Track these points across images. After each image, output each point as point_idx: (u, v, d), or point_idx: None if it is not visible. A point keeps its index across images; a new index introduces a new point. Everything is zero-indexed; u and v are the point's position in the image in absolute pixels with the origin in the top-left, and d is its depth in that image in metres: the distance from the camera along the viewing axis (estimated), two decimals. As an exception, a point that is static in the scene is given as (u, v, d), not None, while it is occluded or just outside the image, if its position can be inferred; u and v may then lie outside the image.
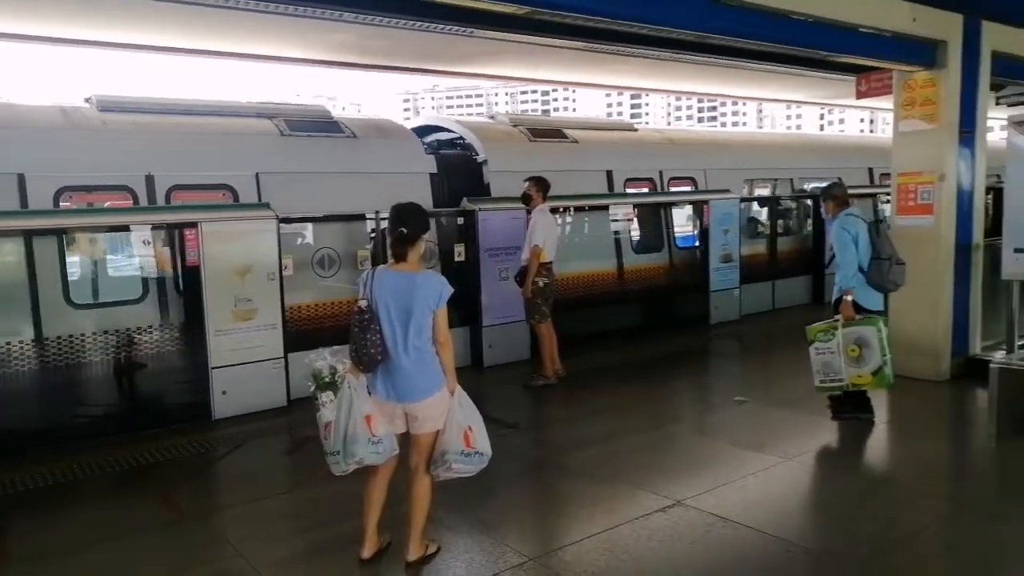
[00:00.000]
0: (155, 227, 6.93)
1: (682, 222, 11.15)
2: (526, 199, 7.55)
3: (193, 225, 6.57)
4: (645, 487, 4.95)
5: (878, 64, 7.19)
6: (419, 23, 5.66)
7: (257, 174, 7.53)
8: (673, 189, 11.14)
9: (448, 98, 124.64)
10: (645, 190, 10.85)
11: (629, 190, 10.54)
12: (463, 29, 5.81)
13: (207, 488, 5.34)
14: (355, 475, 3.79)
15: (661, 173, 10.96)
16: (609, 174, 10.27)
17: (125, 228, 7.02)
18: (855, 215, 5.99)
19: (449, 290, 3.81)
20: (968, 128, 7.07)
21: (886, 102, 7.55)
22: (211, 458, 5.77)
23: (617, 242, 10.18)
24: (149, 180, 7.04)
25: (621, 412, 6.60)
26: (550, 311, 7.41)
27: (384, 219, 6.91)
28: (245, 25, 6.75)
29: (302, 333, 7.17)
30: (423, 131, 9.87)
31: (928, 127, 7.02)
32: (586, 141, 10.34)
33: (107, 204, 7.18)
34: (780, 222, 12.21)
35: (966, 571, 3.72)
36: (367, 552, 3.94)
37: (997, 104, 10.64)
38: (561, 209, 9.20)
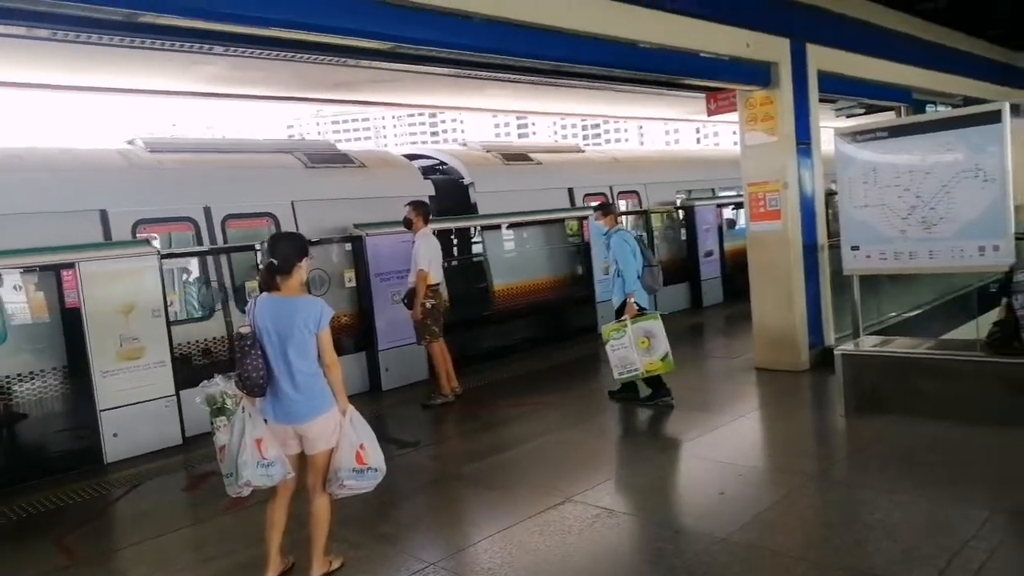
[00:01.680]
0: (31, 269, 6.73)
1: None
2: (407, 224, 7.75)
3: (70, 266, 6.46)
4: (537, 489, 5.28)
5: (721, 85, 7.91)
6: (288, 54, 5.68)
7: (292, 202, 8.39)
8: (620, 202, 12.52)
9: (334, 123, 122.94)
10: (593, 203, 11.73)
11: (591, 203, 11.47)
12: (334, 59, 5.92)
13: (103, 531, 5.25)
14: (255, 504, 3.89)
15: (611, 188, 12.31)
16: (571, 191, 11.55)
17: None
18: (627, 230, 7.03)
19: (329, 312, 3.97)
20: (804, 140, 7.87)
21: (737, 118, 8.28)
22: (106, 501, 5.67)
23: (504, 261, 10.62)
24: (207, 211, 7.90)
25: (516, 422, 6.92)
26: (440, 331, 7.67)
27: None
28: (111, 59, 6.69)
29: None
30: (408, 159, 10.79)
31: (770, 140, 7.77)
32: (549, 163, 11.68)
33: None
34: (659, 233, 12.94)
35: (814, 534, 4.21)
36: (272, 574, 4.04)
37: (836, 116, 11.81)
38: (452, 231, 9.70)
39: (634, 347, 6.78)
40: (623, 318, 6.89)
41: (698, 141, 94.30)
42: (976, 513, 4.14)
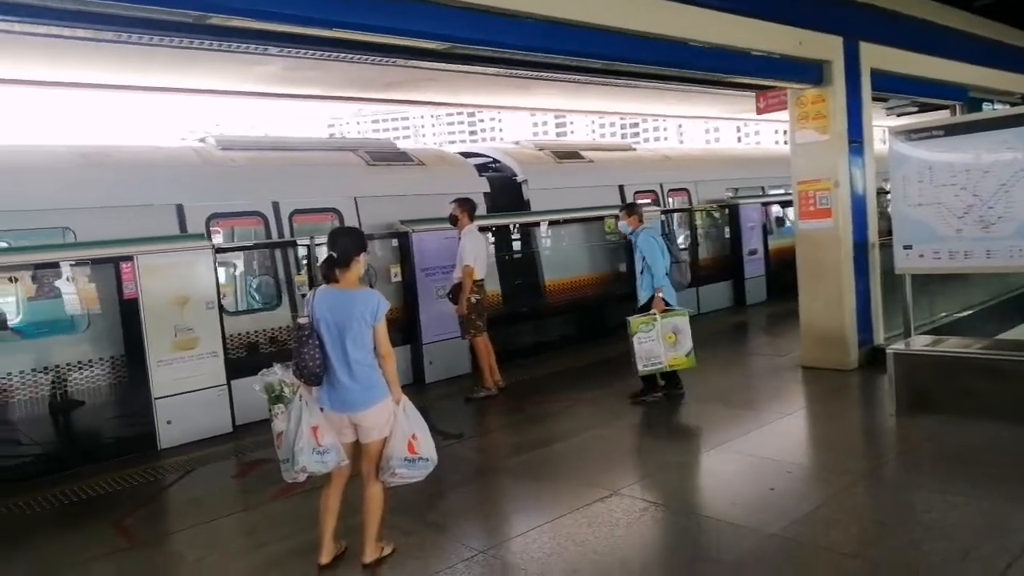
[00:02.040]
0: (92, 262, 6.96)
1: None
2: (453, 220, 7.84)
3: (129, 259, 6.66)
4: (584, 481, 5.31)
5: (772, 83, 7.83)
6: (344, 55, 5.76)
7: (355, 198, 8.67)
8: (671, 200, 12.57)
9: (374, 122, 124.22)
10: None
11: (639, 200, 11.63)
12: (385, 60, 6.03)
13: (159, 514, 5.42)
14: (304, 492, 3.97)
15: (662, 185, 12.40)
16: (621, 188, 11.70)
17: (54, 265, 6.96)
18: (653, 229, 7.09)
19: (386, 305, 4.07)
20: (856, 138, 7.76)
21: (787, 116, 8.19)
22: (160, 486, 5.85)
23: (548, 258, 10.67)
24: (276, 206, 8.17)
25: (559, 417, 6.96)
26: (485, 325, 7.74)
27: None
28: (167, 60, 6.89)
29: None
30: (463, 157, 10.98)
31: (821, 138, 7.68)
32: (600, 160, 11.77)
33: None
34: (702, 231, 12.89)
35: (867, 532, 4.17)
36: (325, 558, 4.13)
37: (887, 115, 11.59)
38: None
39: (661, 341, 6.86)
40: (652, 311, 6.95)
41: (739, 140, 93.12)
42: (1037, 516, 4.07)
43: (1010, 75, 11.06)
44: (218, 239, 8.28)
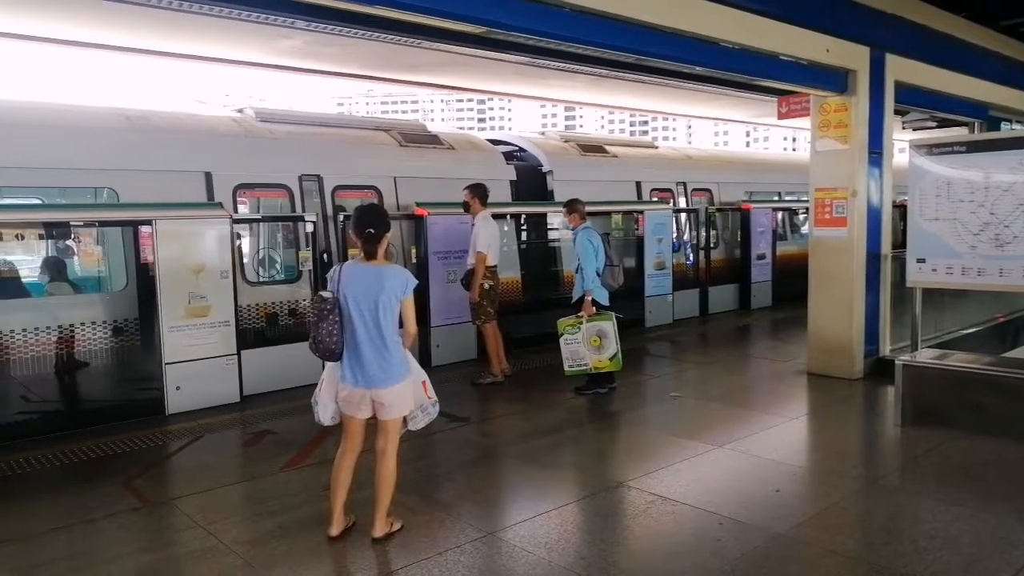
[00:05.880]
0: (111, 224, 6.99)
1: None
2: (466, 207, 7.89)
3: (148, 223, 6.69)
4: (590, 471, 5.39)
5: (796, 88, 7.84)
6: (373, 33, 5.81)
7: (395, 178, 8.93)
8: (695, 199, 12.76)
9: (383, 103, 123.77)
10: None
11: (653, 199, 11.85)
12: (415, 41, 6.03)
13: (168, 477, 5.47)
14: (315, 464, 4.07)
15: (686, 184, 12.65)
16: (638, 184, 11.84)
17: (66, 226, 6.92)
18: (593, 228, 7.14)
19: (414, 281, 4.17)
20: (876, 149, 7.79)
21: (805, 123, 8.21)
22: (169, 451, 5.89)
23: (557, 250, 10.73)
24: (319, 179, 8.38)
25: (564, 407, 7.01)
26: (495, 312, 7.77)
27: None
28: (194, 26, 6.85)
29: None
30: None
31: (841, 147, 7.69)
32: (623, 156, 11.90)
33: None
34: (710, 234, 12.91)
35: (872, 537, 4.22)
36: (335, 530, 4.19)
37: (903, 128, 11.62)
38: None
39: (586, 344, 7.04)
40: (579, 315, 7.07)
41: (748, 144, 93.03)
42: (1040, 532, 4.12)
43: (1032, 96, 11.09)
44: (245, 209, 8.36)
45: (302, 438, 5.96)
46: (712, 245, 12.45)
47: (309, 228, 7.69)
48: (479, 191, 7.83)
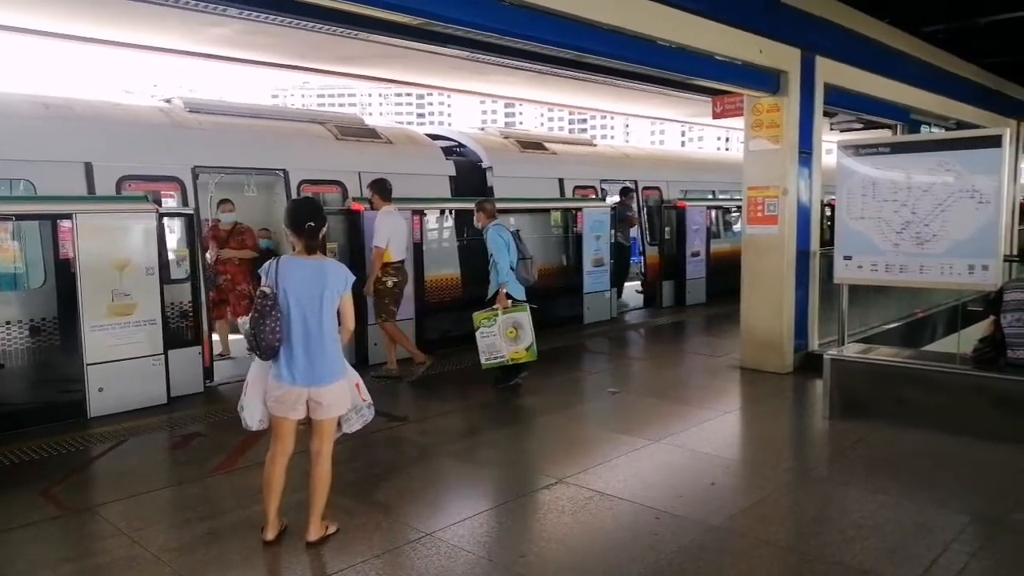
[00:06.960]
0: (28, 218, 6.63)
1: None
2: (370, 204, 7.86)
3: (68, 216, 6.38)
4: (529, 469, 5.39)
5: (731, 88, 7.99)
6: (307, 23, 5.67)
7: (359, 173, 8.87)
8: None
9: (319, 96, 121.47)
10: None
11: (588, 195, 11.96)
12: (351, 32, 5.89)
13: (90, 483, 5.22)
14: (244, 468, 3.94)
15: (636, 182, 12.87)
16: (562, 182, 11.67)
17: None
18: (503, 225, 7.28)
19: (353, 277, 4.08)
20: (807, 149, 8.01)
21: (739, 123, 8.39)
22: (91, 455, 5.63)
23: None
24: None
25: (504, 404, 7.01)
26: (397, 310, 7.76)
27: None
28: (121, 11, 6.60)
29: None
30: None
31: (773, 147, 7.89)
32: (563, 153, 11.93)
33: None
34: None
35: (803, 528, 4.34)
36: (271, 534, 4.07)
37: (831, 129, 12.01)
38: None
39: (502, 336, 7.15)
40: (495, 307, 7.16)
41: (683, 144, 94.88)
42: (958, 518, 4.30)
43: (948, 100, 11.59)
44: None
45: (233, 440, 5.78)
46: (650, 242, 12.65)
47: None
48: (378, 186, 7.80)
